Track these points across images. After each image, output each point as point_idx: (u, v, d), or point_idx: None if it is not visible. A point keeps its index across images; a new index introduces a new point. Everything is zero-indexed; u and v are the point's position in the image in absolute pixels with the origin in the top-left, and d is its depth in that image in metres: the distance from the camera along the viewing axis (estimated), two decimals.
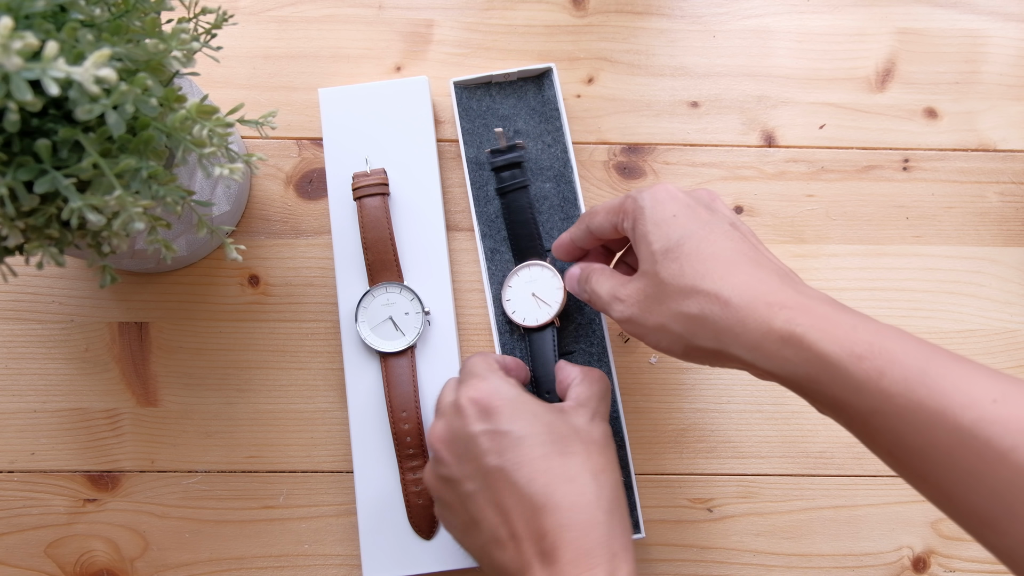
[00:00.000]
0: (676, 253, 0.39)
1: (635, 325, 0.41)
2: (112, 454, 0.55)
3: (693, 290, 0.38)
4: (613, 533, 0.38)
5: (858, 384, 0.33)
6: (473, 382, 0.44)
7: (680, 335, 0.39)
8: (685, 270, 0.39)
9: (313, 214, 0.58)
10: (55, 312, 0.57)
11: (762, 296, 0.37)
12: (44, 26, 0.34)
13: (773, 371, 0.36)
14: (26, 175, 0.35)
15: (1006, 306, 0.59)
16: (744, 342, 0.36)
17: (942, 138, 0.61)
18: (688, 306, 0.38)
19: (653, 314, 0.40)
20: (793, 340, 0.35)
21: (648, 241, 0.41)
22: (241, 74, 0.60)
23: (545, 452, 0.40)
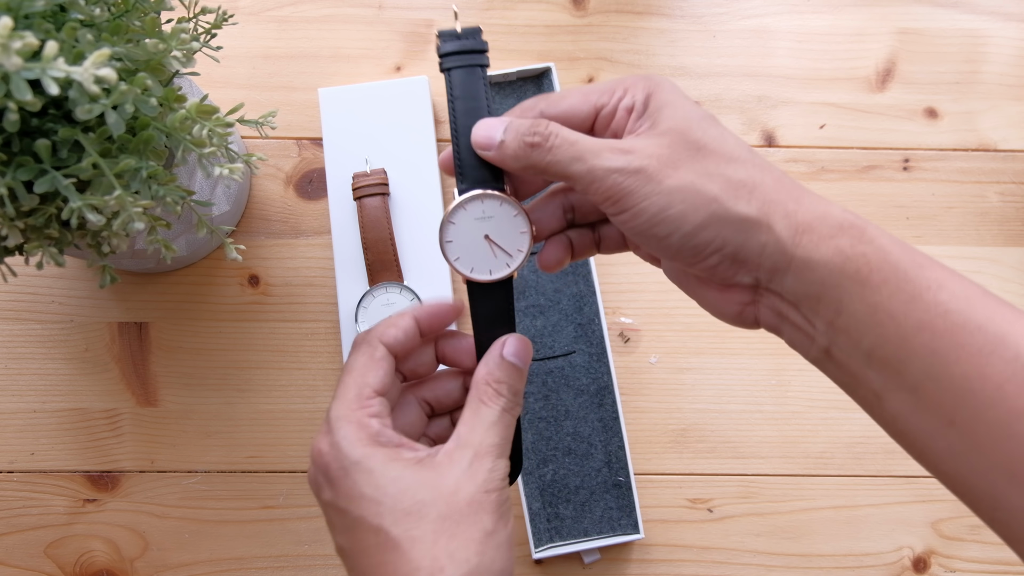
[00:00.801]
0: (714, 122, 0.32)
1: (643, 180, 0.30)
2: (112, 454, 0.55)
3: (739, 157, 0.31)
4: None
5: (913, 293, 0.28)
6: (322, 429, 0.34)
7: (713, 196, 0.30)
8: (728, 140, 0.31)
9: (313, 214, 0.58)
10: (55, 312, 0.57)
11: (800, 184, 0.31)
12: (44, 26, 0.34)
13: (809, 263, 0.29)
14: (26, 175, 0.35)
15: None
16: (797, 219, 0.30)
17: (942, 138, 0.61)
18: (734, 170, 0.30)
19: (678, 170, 0.30)
20: (854, 229, 0.29)
21: (677, 105, 0.32)
22: (241, 74, 0.60)
23: (380, 541, 0.31)
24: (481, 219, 0.37)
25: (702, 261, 0.31)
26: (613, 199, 0.31)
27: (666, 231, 0.30)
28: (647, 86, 0.33)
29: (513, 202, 0.36)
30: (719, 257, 0.31)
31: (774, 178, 0.31)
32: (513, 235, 0.37)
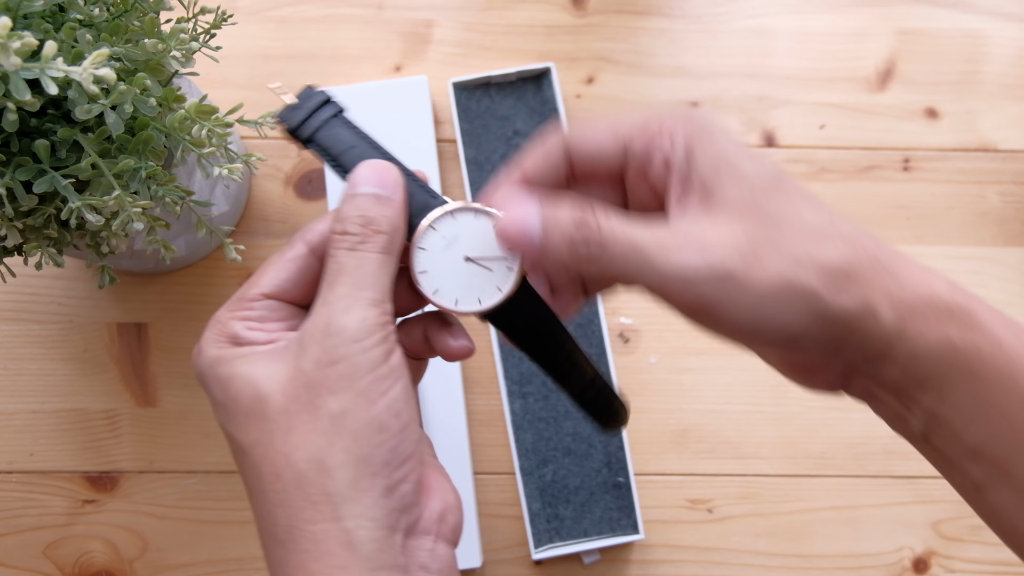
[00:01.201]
0: (784, 185, 0.27)
1: (733, 282, 0.26)
2: (111, 455, 0.55)
3: (828, 231, 0.27)
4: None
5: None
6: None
7: (813, 292, 0.26)
8: (804, 207, 0.27)
9: (312, 214, 0.58)
10: (54, 312, 0.56)
11: (898, 253, 0.28)
12: (43, 26, 0.34)
13: (914, 352, 0.26)
14: (25, 175, 0.35)
15: (1007, 307, 0.58)
16: (902, 303, 0.26)
17: (943, 138, 0.61)
18: (825, 250, 0.26)
19: (764, 262, 0.26)
20: (963, 313, 0.26)
21: (734, 166, 0.27)
22: (240, 74, 0.60)
23: (234, 447, 0.29)
24: (456, 239, 0.31)
25: (795, 353, 0.28)
26: (695, 309, 0.27)
27: (760, 333, 0.27)
28: (687, 132, 0.28)
29: (491, 212, 0.30)
30: (816, 350, 0.27)
31: (869, 253, 0.27)
32: (498, 250, 0.30)
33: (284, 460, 0.26)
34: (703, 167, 0.27)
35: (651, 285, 0.27)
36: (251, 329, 0.29)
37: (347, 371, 0.26)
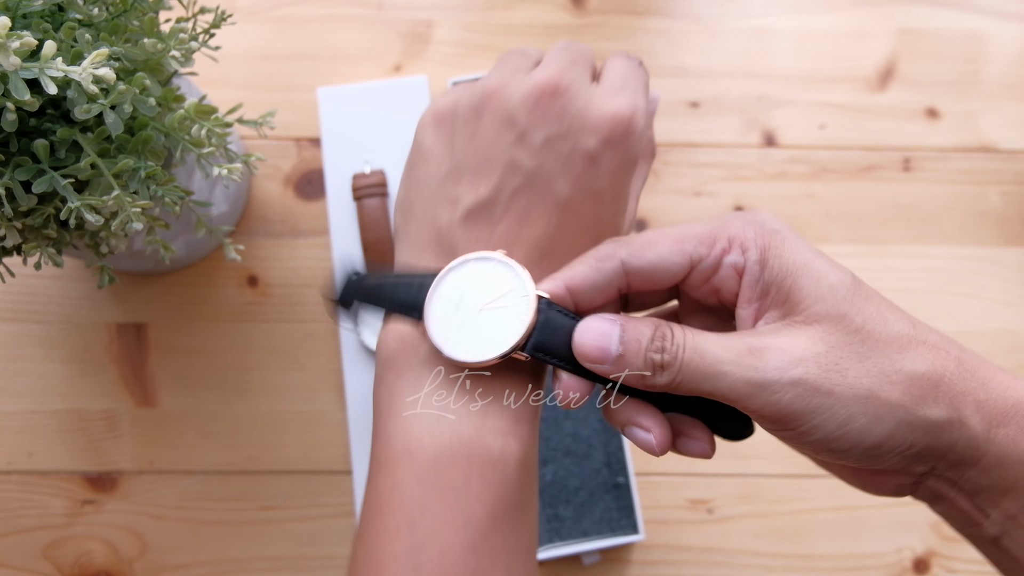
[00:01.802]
0: (865, 292, 0.28)
1: (816, 395, 0.26)
2: (110, 455, 0.55)
3: (912, 338, 0.27)
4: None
5: None
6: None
7: (898, 403, 0.26)
8: (887, 316, 0.27)
9: (312, 214, 0.58)
10: (53, 313, 0.56)
11: (981, 358, 0.28)
12: (42, 25, 0.34)
13: (1004, 459, 0.27)
14: (24, 175, 0.35)
15: (1007, 307, 0.58)
16: (990, 410, 0.27)
17: (943, 138, 0.61)
18: (911, 361, 0.26)
19: (847, 375, 0.26)
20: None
21: (813, 273, 0.28)
22: (240, 74, 0.60)
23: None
24: (460, 295, 0.29)
25: (879, 463, 0.28)
26: (776, 420, 0.26)
27: (845, 447, 0.26)
28: (760, 240, 0.28)
29: (496, 256, 0.29)
30: (900, 458, 0.27)
31: (954, 360, 0.27)
32: (514, 297, 0.29)
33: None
34: (779, 274, 0.28)
35: (729, 397, 0.27)
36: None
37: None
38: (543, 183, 0.30)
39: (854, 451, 0.27)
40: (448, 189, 0.31)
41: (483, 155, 0.31)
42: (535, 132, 0.30)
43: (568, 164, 0.30)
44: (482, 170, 0.31)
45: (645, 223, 0.59)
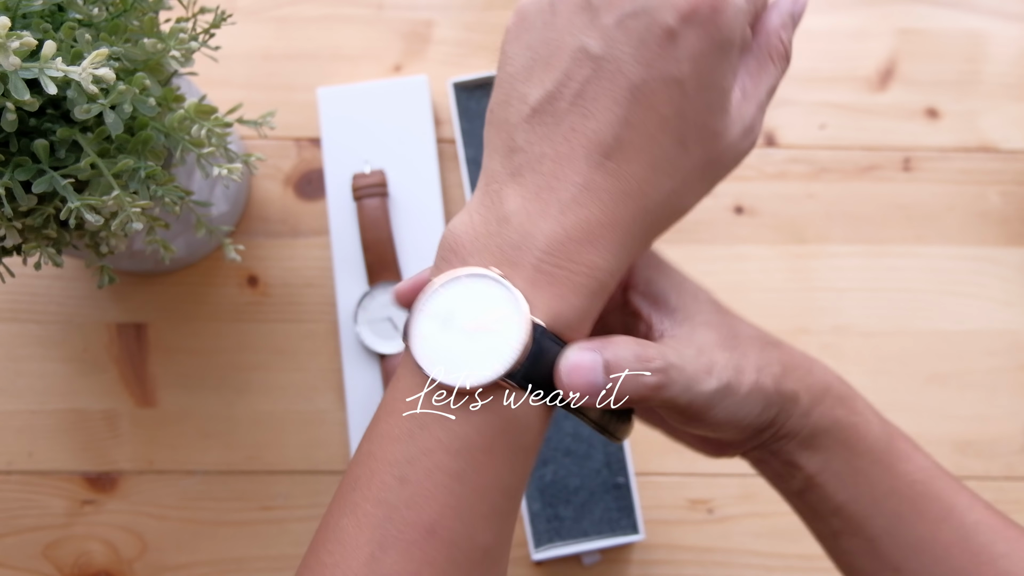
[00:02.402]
0: (717, 304, 0.33)
1: (728, 392, 0.30)
2: (110, 455, 0.55)
3: (763, 341, 0.33)
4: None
5: (888, 463, 0.33)
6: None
7: (771, 392, 0.31)
8: (738, 321, 0.33)
9: (312, 214, 0.58)
10: (53, 313, 0.56)
11: (802, 352, 0.35)
12: (42, 25, 0.34)
13: (816, 431, 0.33)
14: (24, 175, 0.35)
15: (1007, 307, 0.58)
16: (811, 391, 0.33)
17: (943, 138, 0.61)
18: (773, 355, 0.32)
19: (745, 373, 0.31)
20: (848, 400, 0.34)
21: (691, 291, 0.32)
22: (240, 74, 0.60)
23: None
24: (447, 316, 0.28)
25: (738, 435, 0.33)
26: (691, 415, 0.30)
27: (732, 427, 0.31)
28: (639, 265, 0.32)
29: (489, 273, 0.27)
30: (752, 431, 0.32)
31: (788, 352, 0.33)
32: (501, 315, 0.27)
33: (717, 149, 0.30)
34: (662, 295, 0.32)
35: (676, 404, 0.30)
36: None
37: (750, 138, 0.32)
38: (612, 69, 0.27)
39: (726, 427, 0.31)
40: (518, 87, 0.29)
41: (554, 45, 0.28)
42: (608, 12, 0.27)
43: (642, 45, 0.27)
44: (551, 61, 0.28)
45: None
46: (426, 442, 0.27)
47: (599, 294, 0.28)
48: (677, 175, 0.28)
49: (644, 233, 0.29)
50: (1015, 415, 0.57)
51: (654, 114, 0.27)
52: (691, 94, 0.27)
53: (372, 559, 0.26)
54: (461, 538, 0.27)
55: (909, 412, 0.57)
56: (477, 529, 0.27)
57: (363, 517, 0.27)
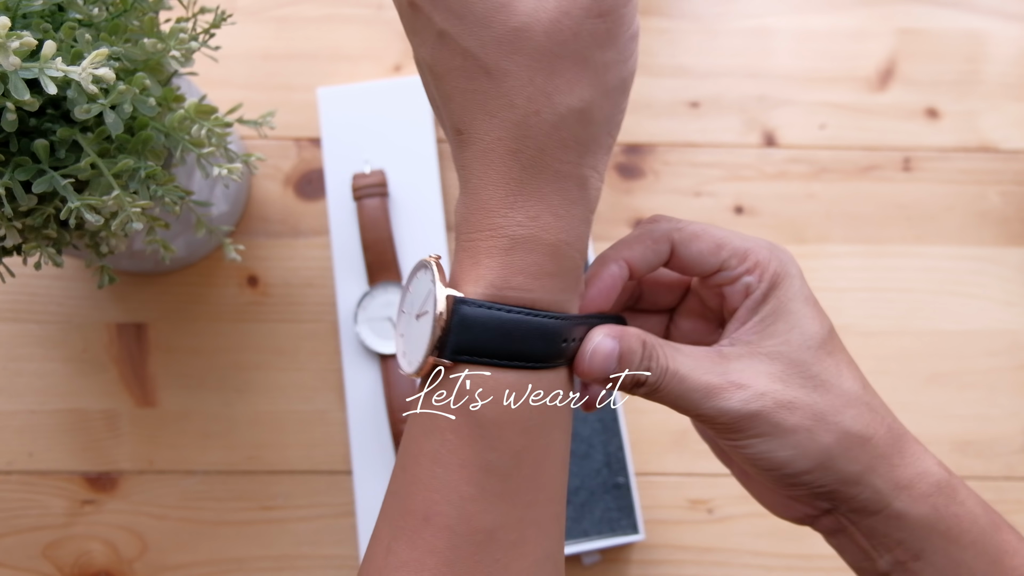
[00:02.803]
0: (832, 347, 0.31)
1: (765, 424, 0.30)
2: (110, 455, 0.55)
3: (858, 399, 0.31)
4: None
5: (994, 557, 0.31)
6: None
7: (825, 449, 0.30)
8: (844, 372, 0.31)
9: (312, 214, 0.58)
10: (53, 313, 0.56)
11: (907, 431, 0.32)
12: (42, 25, 0.34)
13: (903, 515, 0.31)
14: (24, 175, 0.35)
15: (1007, 306, 0.58)
16: (897, 477, 0.31)
17: (943, 138, 0.61)
18: (852, 419, 0.30)
19: (795, 413, 0.30)
20: (949, 488, 0.31)
21: (801, 321, 0.31)
22: (240, 74, 0.60)
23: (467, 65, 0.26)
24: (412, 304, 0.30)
25: (792, 490, 0.32)
26: (722, 431, 0.31)
27: (769, 467, 0.31)
28: (775, 273, 0.31)
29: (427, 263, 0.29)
30: (809, 492, 0.31)
31: (886, 427, 0.31)
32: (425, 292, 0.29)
33: (546, 99, 0.26)
34: (773, 307, 0.31)
35: (687, 413, 0.31)
36: None
37: (614, 26, 0.26)
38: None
39: (774, 473, 0.31)
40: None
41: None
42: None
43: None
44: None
45: None
46: (412, 428, 0.29)
47: (514, 249, 0.27)
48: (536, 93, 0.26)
49: (536, 162, 0.27)
50: (1015, 415, 0.57)
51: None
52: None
53: (388, 551, 0.28)
54: (456, 522, 0.27)
55: (909, 412, 0.57)
56: (470, 511, 0.27)
57: (383, 510, 0.29)
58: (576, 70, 0.26)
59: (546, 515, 0.29)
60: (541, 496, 0.29)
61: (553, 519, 0.29)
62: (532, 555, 0.28)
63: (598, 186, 0.28)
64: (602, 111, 0.27)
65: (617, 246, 0.32)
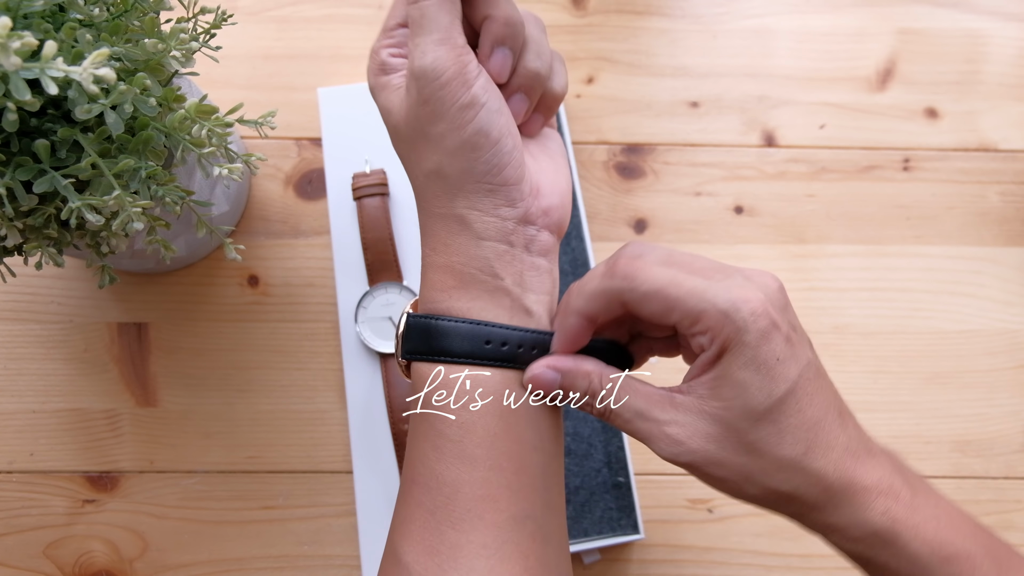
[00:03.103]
0: (777, 415, 0.32)
1: (696, 471, 0.34)
2: (111, 455, 0.55)
3: (792, 465, 0.32)
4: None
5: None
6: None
7: (752, 498, 0.33)
8: (786, 439, 0.32)
9: (313, 214, 0.58)
10: (54, 312, 0.56)
11: (858, 477, 0.33)
12: (43, 26, 0.34)
13: (847, 551, 0.34)
14: (25, 175, 0.35)
15: (1007, 306, 0.58)
16: (833, 525, 0.33)
17: (943, 138, 0.61)
18: (781, 482, 0.33)
19: (725, 469, 0.33)
20: (887, 537, 0.33)
21: (746, 390, 0.32)
22: (240, 74, 0.60)
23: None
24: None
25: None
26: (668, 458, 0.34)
27: (723, 491, 0.34)
28: (727, 339, 0.32)
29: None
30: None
31: (822, 487, 0.32)
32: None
33: (417, 168, 0.35)
34: (722, 370, 0.32)
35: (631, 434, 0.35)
36: (393, 56, 0.35)
37: (437, 106, 0.33)
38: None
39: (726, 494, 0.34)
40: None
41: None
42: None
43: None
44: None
45: (646, 222, 0.59)
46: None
47: (428, 272, 0.36)
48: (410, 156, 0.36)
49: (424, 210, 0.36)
50: (1015, 415, 0.57)
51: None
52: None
53: (393, 513, 0.37)
54: (428, 479, 0.34)
55: (909, 412, 0.57)
56: (437, 470, 0.34)
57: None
58: (422, 144, 0.34)
59: (520, 483, 0.33)
60: (505, 463, 0.33)
61: (530, 488, 0.34)
62: (508, 511, 0.33)
63: (486, 220, 0.34)
64: (453, 168, 0.34)
65: (579, 297, 0.34)
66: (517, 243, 0.35)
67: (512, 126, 0.35)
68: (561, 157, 0.38)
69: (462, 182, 0.34)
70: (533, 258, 0.35)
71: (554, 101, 0.37)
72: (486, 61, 0.35)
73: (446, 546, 0.32)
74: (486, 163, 0.34)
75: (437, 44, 0.33)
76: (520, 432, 0.34)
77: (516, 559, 0.32)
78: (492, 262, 0.34)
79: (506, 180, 0.34)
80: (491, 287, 0.34)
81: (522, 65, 0.35)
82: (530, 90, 0.36)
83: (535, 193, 0.36)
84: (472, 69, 0.33)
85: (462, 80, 0.33)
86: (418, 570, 0.32)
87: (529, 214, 0.35)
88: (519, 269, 0.35)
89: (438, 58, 0.32)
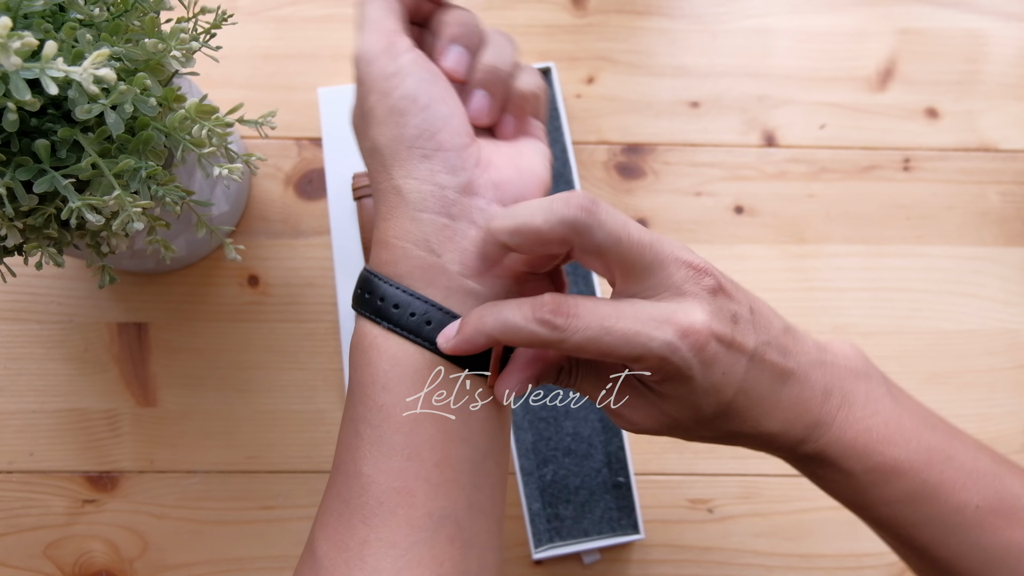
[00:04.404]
0: (728, 412, 0.33)
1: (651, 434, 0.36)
2: (111, 455, 0.55)
3: (743, 434, 0.34)
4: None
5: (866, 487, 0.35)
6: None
7: (702, 436, 0.35)
8: (731, 424, 0.34)
9: (312, 214, 0.58)
10: (54, 312, 0.56)
11: (800, 418, 0.34)
12: (43, 25, 0.34)
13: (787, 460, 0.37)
14: (25, 175, 0.35)
15: (1007, 306, 0.58)
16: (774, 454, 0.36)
17: (943, 138, 0.61)
18: (731, 441, 0.36)
19: (680, 434, 0.35)
20: (821, 458, 0.35)
21: (696, 407, 0.33)
22: (240, 74, 0.60)
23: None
24: None
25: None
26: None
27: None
28: (667, 373, 0.31)
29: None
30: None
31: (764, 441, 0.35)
32: None
33: (363, 150, 0.36)
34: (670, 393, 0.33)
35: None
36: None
37: (368, 82, 0.34)
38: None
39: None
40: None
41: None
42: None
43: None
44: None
45: (646, 223, 0.59)
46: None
47: (371, 250, 0.35)
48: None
49: (374, 187, 0.36)
50: (1015, 415, 0.57)
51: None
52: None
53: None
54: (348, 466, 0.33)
55: None
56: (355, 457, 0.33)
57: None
58: (362, 125, 0.36)
59: (441, 477, 0.31)
60: (426, 453, 0.31)
61: (453, 484, 0.32)
62: (424, 507, 0.31)
63: (423, 188, 0.33)
64: (384, 136, 0.34)
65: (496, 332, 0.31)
66: (460, 216, 0.33)
67: (452, 98, 0.34)
68: (536, 155, 0.37)
69: (395, 149, 0.34)
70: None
71: (523, 101, 0.36)
72: (440, 58, 0.35)
73: (355, 541, 0.31)
74: (416, 127, 0.33)
75: (369, 33, 0.35)
76: (444, 420, 0.32)
77: (428, 563, 0.31)
78: (429, 237, 0.33)
79: (441, 145, 0.33)
80: (425, 263, 0.33)
81: (479, 60, 0.35)
82: (491, 86, 0.35)
83: (484, 165, 0.34)
84: (400, 45, 0.34)
85: (389, 55, 0.34)
86: (327, 564, 0.31)
87: (474, 184, 0.33)
88: (463, 247, 0.33)
89: (368, 42, 0.34)
